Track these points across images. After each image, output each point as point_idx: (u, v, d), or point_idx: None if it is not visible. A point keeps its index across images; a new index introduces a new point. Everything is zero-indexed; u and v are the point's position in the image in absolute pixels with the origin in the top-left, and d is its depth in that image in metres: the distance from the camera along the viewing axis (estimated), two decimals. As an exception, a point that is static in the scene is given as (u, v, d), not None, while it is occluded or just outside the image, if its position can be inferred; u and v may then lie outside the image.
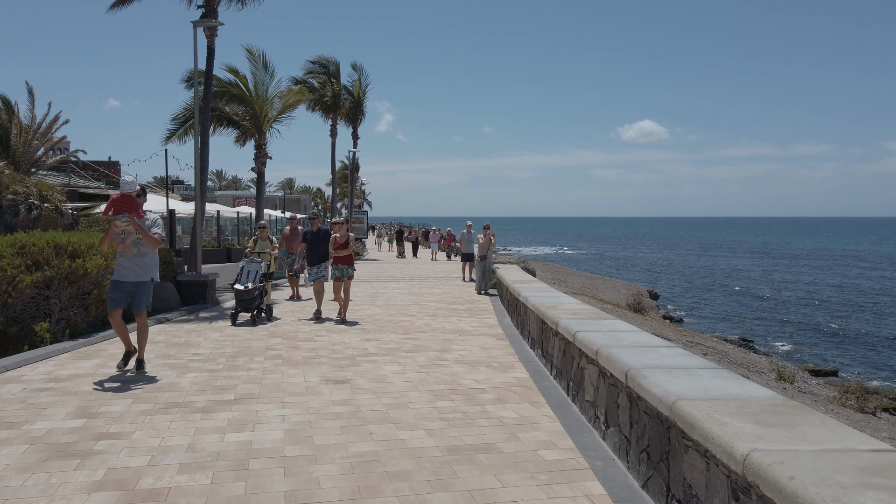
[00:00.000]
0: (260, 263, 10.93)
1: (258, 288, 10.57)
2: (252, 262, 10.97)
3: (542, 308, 7.52)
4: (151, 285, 7.10)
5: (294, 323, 10.88)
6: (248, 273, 10.77)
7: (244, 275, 10.73)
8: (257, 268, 10.83)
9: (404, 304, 13.62)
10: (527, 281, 11.58)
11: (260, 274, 10.78)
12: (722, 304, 35.12)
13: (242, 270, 10.84)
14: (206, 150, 14.53)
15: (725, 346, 15.20)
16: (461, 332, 10.13)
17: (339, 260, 10.72)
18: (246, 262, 11.00)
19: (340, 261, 10.72)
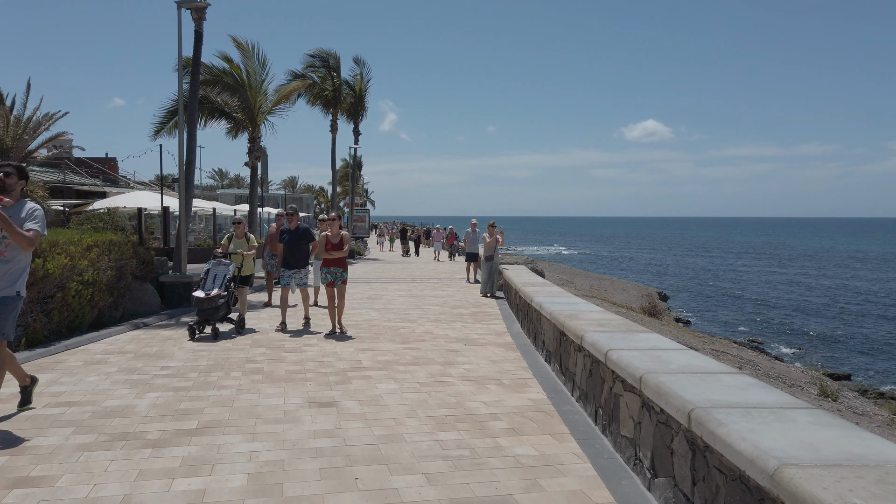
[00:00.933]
0: (228, 266, 9.36)
1: (223, 296, 9.04)
2: (220, 263, 9.40)
3: (561, 317, 6.52)
4: (17, 303, 5.00)
5: (278, 332, 9.90)
6: (214, 277, 9.26)
7: (209, 279, 9.24)
8: (225, 271, 9.29)
9: (405, 308, 12.63)
10: (538, 284, 10.58)
11: (227, 278, 9.24)
12: (726, 305, 34.53)
13: (207, 274, 9.31)
14: (193, 141, 13.56)
15: (749, 354, 14.19)
16: (467, 340, 9.13)
17: (331, 262, 9.28)
18: (213, 263, 9.41)
19: (333, 263, 9.28)
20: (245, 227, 10.32)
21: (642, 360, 4.30)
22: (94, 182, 41.57)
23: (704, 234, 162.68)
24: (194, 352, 8.04)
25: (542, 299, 8.18)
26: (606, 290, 28.56)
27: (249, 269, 10.14)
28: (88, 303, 9.14)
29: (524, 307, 9.80)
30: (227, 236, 10.18)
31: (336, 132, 30.87)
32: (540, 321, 8.05)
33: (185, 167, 13.55)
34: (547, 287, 10.06)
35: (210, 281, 9.22)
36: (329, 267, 9.35)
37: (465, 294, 15.44)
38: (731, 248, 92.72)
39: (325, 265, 9.38)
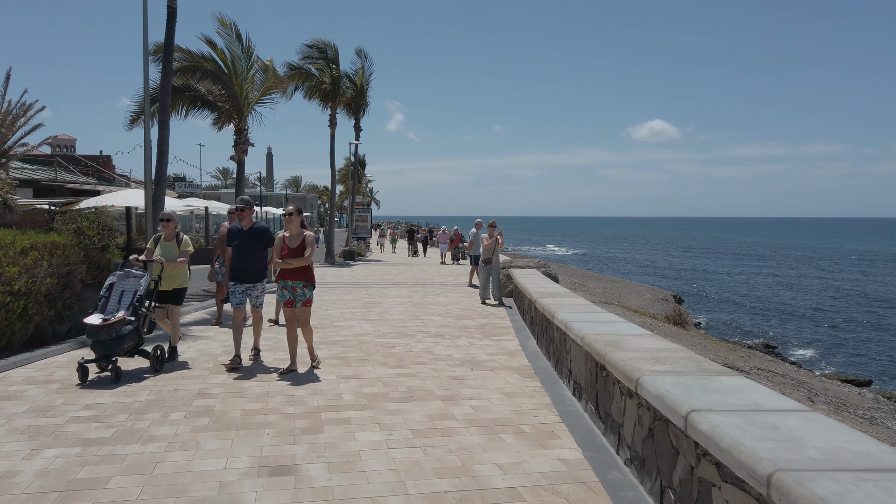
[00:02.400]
0: (140, 278, 6.91)
1: (130, 321, 6.60)
2: (129, 275, 6.92)
3: (599, 346, 4.95)
4: None
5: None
6: (120, 294, 6.80)
7: (112, 297, 6.76)
8: (135, 286, 6.84)
9: (402, 320, 11.08)
10: (558, 294, 9.00)
11: (139, 295, 6.80)
12: (736, 307, 33.30)
13: (111, 290, 6.81)
14: (165, 131, 12.03)
15: (801, 375, 12.58)
16: (474, 363, 7.58)
17: (288, 274, 6.85)
18: (118, 275, 6.91)
19: (291, 275, 6.84)
20: (177, 226, 7.86)
21: (752, 433, 2.74)
22: (88, 180, 40.24)
23: (712, 234, 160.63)
24: (136, 382, 6.50)
25: (566, 316, 6.61)
26: (621, 294, 26.95)
27: (179, 280, 7.61)
28: (20, 317, 7.63)
29: (542, 322, 8.24)
30: (154, 238, 7.76)
31: (335, 127, 29.32)
32: (565, 343, 6.49)
33: (158, 159, 12.05)
34: (569, 298, 8.49)
35: (113, 300, 6.78)
36: (286, 280, 6.89)
37: (470, 301, 13.88)
38: (739, 249, 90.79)
39: (280, 277, 6.94)
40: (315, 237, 19.42)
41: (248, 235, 7.26)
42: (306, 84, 28.38)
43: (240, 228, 7.32)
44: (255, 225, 7.37)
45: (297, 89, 28.43)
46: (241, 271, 7.27)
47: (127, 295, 6.83)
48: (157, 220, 11.72)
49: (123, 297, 6.82)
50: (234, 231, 7.39)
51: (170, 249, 7.60)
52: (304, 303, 6.98)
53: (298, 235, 6.93)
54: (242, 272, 7.26)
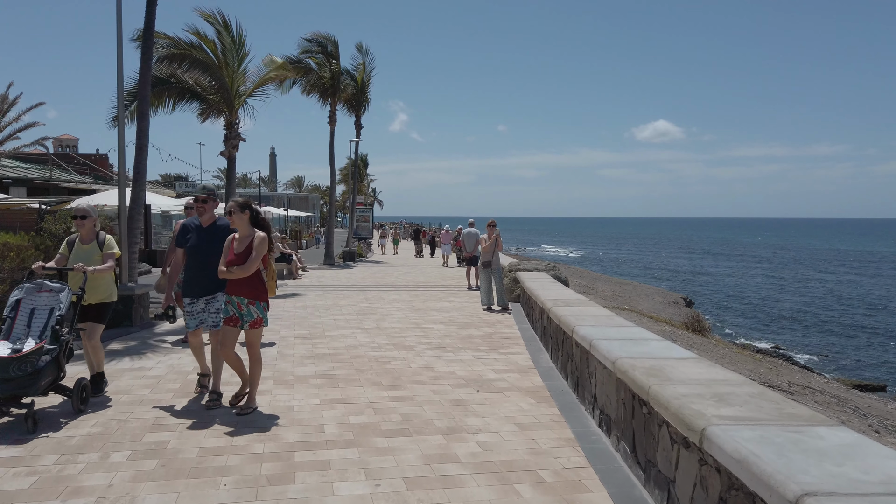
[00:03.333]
0: (59, 293, 5.32)
1: (49, 350, 5.02)
2: (41, 288, 5.34)
3: (639, 375, 3.98)
4: None
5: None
6: (30, 314, 5.22)
7: (19, 319, 5.18)
8: (52, 303, 5.28)
9: (401, 328, 10.11)
10: (574, 302, 8.01)
11: (58, 316, 5.21)
12: (739, 308, 32.71)
13: (17, 309, 5.22)
14: (145, 122, 11.11)
15: (833, 387, 11.56)
16: (480, 382, 6.60)
17: (232, 287, 5.33)
18: (27, 289, 5.32)
19: (235, 288, 5.32)
20: (96, 224, 6.01)
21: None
22: (84, 179, 39.37)
23: (714, 235, 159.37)
24: (91, 407, 5.55)
25: (589, 332, 5.63)
26: (630, 297, 25.95)
27: (103, 293, 5.89)
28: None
29: (557, 334, 7.26)
30: (67, 241, 5.98)
31: (335, 124, 28.37)
32: (587, 363, 5.51)
33: (136, 153, 11.12)
34: (587, 308, 7.50)
35: (21, 322, 5.17)
36: (231, 294, 5.36)
37: (475, 307, 12.90)
38: (741, 250, 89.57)
39: (227, 290, 5.41)
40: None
41: (206, 234, 5.70)
42: (305, 79, 27.46)
43: (197, 224, 5.80)
44: (219, 221, 5.79)
45: (294, 84, 27.52)
46: (196, 280, 5.66)
47: (40, 314, 5.21)
48: (134, 221, 10.82)
49: (35, 317, 5.20)
50: (188, 228, 5.79)
51: (89, 254, 5.85)
52: (252, 324, 5.38)
53: (247, 237, 5.32)
54: (198, 282, 5.65)
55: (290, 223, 49.83)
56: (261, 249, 5.26)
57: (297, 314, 11.62)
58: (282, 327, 10.08)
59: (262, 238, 5.30)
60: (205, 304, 5.77)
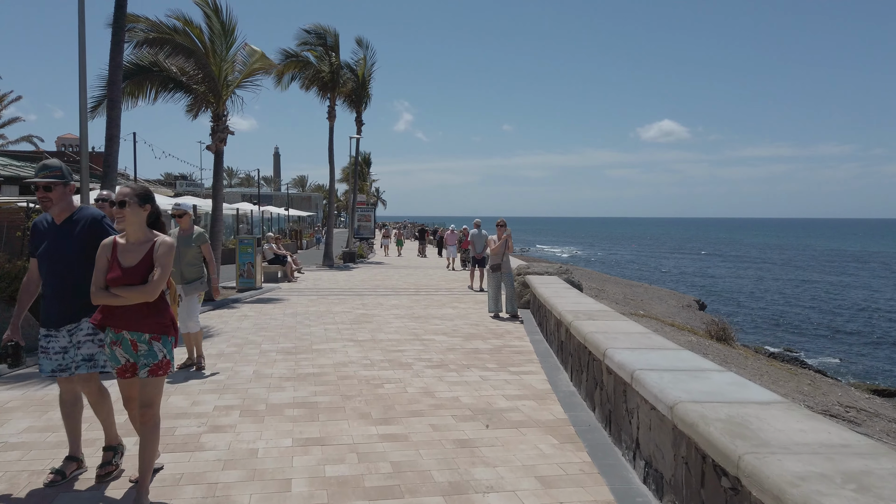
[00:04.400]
0: None
1: None
2: None
3: (717, 434, 2.85)
4: None
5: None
6: None
7: None
8: None
9: (399, 340, 8.99)
10: (599, 315, 6.87)
11: None
12: (751, 310, 31.59)
13: None
14: (116, 111, 10.03)
15: (887, 409, 10.40)
16: (489, 413, 5.49)
17: (119, 317, 3.59)
18: None
19: (124, 318, 3.59)
20: None
21: None
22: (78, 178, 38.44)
23: (720, 235, 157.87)
24: None
25: (627, 357, 4.51)
26: (642, 300, 24.81)
27: None
28: None
29: (579, 352, 6.14)
30: None
31: (334, 119, 27.29)
32: (625, 398, 4.40)
33: (107, 144, 10.04)
34: (616, 322, 6.36)
35: None
36: (116, 328, 3.62)
37: (481, 314, 11.79)
38: (748, 250, 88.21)
39: (104, 321, 3.63)
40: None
41: (61, 234, 3.91)
42: (303, 73, 26.39)
43: (51, 221, 3.97)
44: (77, 214, 3.96)
45: (293, 79, 26.47)
46: (51, 303, 3.90)
47: None
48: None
49: None
50: (39, 227, 4.00)
51: None
52: (153, 369, 3.61)
53: (142, 243, 3.62)
54: (54, 305, 3.89)
55: (291, 223, 48.78)
56: (169, 262, 3.60)
57: (285, 323, 10.52)
58: (264, 339, 8.97)
59: (168, 246, 3.62)
60: (69, 336, 3.90)
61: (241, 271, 15.79)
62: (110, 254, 3.60)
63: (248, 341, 8.80)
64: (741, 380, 3.82)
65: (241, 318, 11.10)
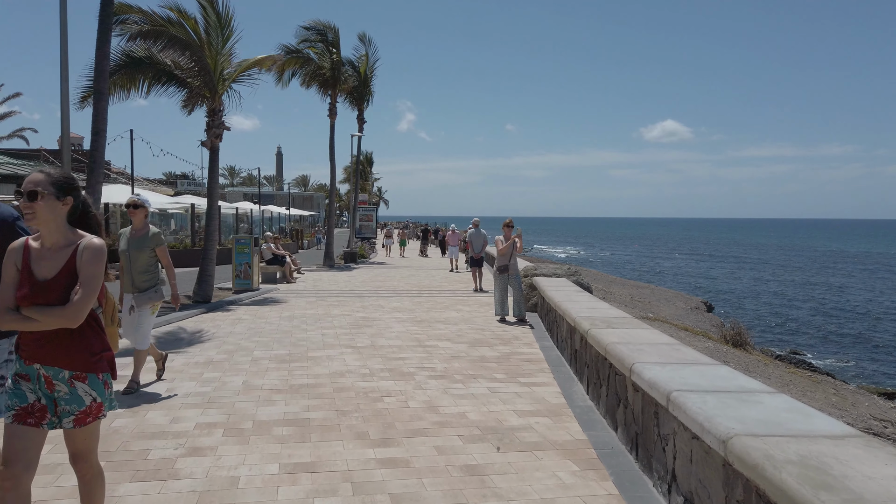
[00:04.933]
0: None
1: None
2: None
3: (791, 482, 2.31)
4: None
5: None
6: None
7: None
8: None
9: (400, 346, 8.46)
10: (618, 322, 6.32)
11: None
12: (755, 310, 31.16)
13: None
14: (102, 103, 9.51)
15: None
16: (500, 433, 4.95)
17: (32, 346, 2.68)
18: None
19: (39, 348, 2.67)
20: None
21: None
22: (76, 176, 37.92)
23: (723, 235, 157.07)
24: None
25: (658, 374, 3.97)
26: (650, 302, 24.24)
27: None
28: None
29: (597, 365, 5.60)
30: None
31: (335, 117, 26.76)
32: (657, 421, 3.86)
33: (93, 138, 9.52)
34: (639, 331, 5.81)
35: None
36: (29, 360, 2.69)
37: (486, 317, 11.25)
38: (752, 251, 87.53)
39: (21, 351, 2.70)
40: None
41: None
42: (304, 69, 25.87)
43: None
44: None
45: (294, 76, 25.95)
46: None
47: None
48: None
49: None
50: None
51: None
52: (78, 418, 2.72)
53: (62, 248, 2.72)
54: None
55: (292, 222, 48.27)
56: (97, 272, 2.68)
57: (280, 327, 9.98)
58: (257, 345, 8.43)
59: (95, 252, 2.69)
60: None
61: (237, 272, 15.27)
62: (20, 258, 2.69)
63: (239, 347, 8.27)
64: (799, 405, 3.27)
65: (235, 321, 10.57)
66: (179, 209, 30.69)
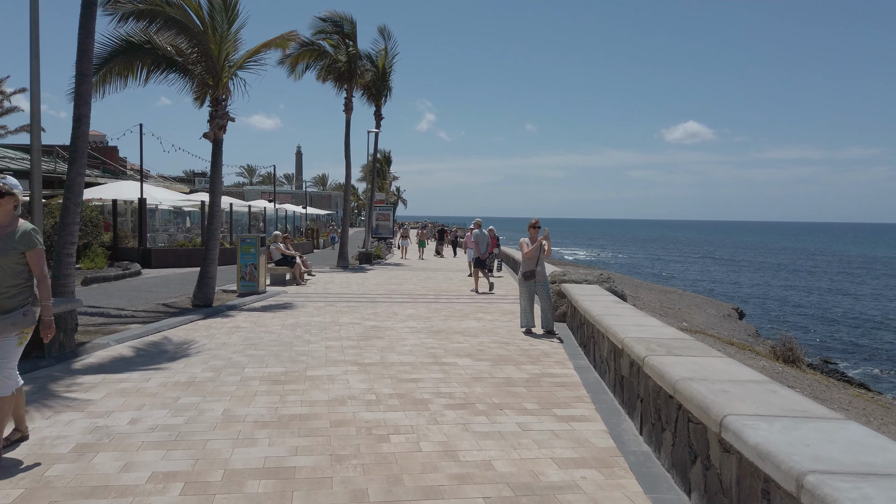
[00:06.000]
0: None
1: None
2: None
3: None
4: None
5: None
6: None
7: None
8: None
9: (413, 364, 7.35)
10: (678, 347, 5.14)
11: None
12: (781, 315, 30.04)
13: None
14: (85, 86, 8.53)
15: None
16: (537, 494, 3.81)
17: None
18: None
19: None
20: None
21: None
22: (90, 173, 37.40)
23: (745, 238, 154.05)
24: None
25: (768, 436, 2.83)
26: (680, 309, 22.93)
27: None
28: None
29: (659, 400, 4.45)
30: None
31: (351, 112, 25.73)
32: (763, 498, 2.71)
33: (74, 126, 8.55)
34: (709, 359, 4.63)
35: None
36: None
37: (510, 328, 10.11)
38: (774, 254, 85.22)
39: None
40: None
41: None
42: (319, 63, 24.90)
43: None
44: None
45: (307, 69, 24.98)
46: None
47: None
48: (69, 214, 8.28)
49: None
50: None
51: None
52: None
53: None
54: None
55: (308, 221, 47.43)
56: None
57: (281, 338, 8.93)
58: (250, 361, 7.38)
59: None
60: None
61: (242, 273, 14.29)
62: None
63: (230, 363, 7.22)
64: None
65: (232, 330, 9.55)
66: (195, 207, 29.89)
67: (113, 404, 5.49)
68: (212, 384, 6.28)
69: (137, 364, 7.11)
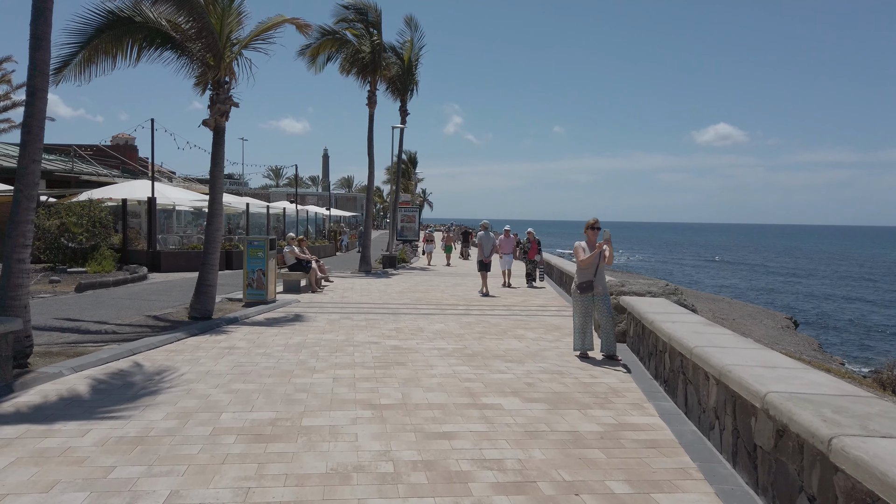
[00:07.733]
0: None
1: None
2: None
3: None
4: None
5: None
6: None
7: None
8: None
9: (444, 408, 5.54)
10: (864, 410, 3.26)
11: None
12: (829, 323, 27.91)
13: None
14: (41, 52, 6.91)
15: None
16: None
17: None
18: None
19: None
20: None
21: None
22: (108, 172, 36.33)
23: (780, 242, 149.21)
24: None
25: None
26: (735, 320, 20.79)
27: None
28: None
29: (813, 472, 2.58)
30: None
31: (374, 106, 24.06)
32: None
33: (27, 99, 6.94)
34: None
35: None
36: None
37: (559, 350, 8.24)
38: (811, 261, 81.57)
39: None
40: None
41: None
42: (341, 53, 23.27)
43: None
44: None
45: (329, 59, 23.37)
46: None
47: None
48: (22, 210, 6.67)
49: None
50: None
51: None
52: None
53: None
54: None
55: (332, 223, 45.95)
56: None
57: (280, 364, 7.19)
58: (233, 401, 5.64)
59: None
60: None
61: (249, 280, 12.63)
62: None
63: (205, 405, 5.49)
64: None
65: (223, 352, 7.84)
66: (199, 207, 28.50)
67: (12, 481, 3.79)
68: (169, 442, 4.54)
69: (84, 406, 5.42)
